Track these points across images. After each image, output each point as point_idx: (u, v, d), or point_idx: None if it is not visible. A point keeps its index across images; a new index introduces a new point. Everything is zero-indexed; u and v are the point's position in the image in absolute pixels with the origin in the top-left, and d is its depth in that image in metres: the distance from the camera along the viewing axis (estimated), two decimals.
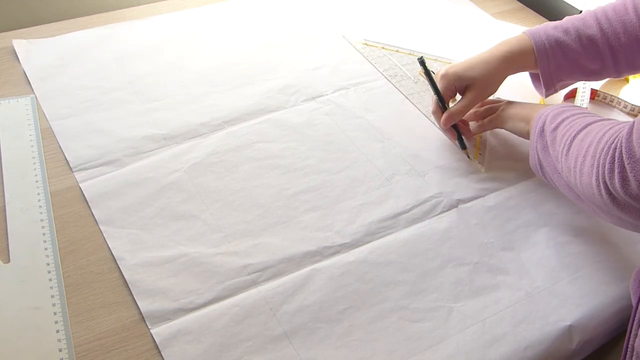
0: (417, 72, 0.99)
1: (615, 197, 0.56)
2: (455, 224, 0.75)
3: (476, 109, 0.86)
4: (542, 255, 0.72)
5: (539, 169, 0.72)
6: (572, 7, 1.13)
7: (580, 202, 0.66)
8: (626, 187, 0.53)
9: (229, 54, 0.99)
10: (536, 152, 0.72)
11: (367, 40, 1.05)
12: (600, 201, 0.58)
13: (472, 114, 0.86)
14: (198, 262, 0.68)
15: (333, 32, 1.06)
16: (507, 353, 0.63)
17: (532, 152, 0.73)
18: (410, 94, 0.94)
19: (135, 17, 1.06)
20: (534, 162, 0.73)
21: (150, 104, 0.88)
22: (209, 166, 0.79)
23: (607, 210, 0.59)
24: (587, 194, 0.60)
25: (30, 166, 0.78)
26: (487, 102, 0.87)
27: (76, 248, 0.69)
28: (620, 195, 0.54)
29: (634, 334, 0.62)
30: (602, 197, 0.57)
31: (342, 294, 0.67)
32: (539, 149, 0.71)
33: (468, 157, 0.84)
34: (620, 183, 0.54)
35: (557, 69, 0.81)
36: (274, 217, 0.74)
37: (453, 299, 0.67)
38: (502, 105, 0.83)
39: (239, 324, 0.63)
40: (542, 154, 0.70)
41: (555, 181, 0.69)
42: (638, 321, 0.62)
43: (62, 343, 0.60)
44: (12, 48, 0.96)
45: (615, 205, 0.56)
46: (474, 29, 1.11)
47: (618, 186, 0.54)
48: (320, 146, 0.84)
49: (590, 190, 0.59)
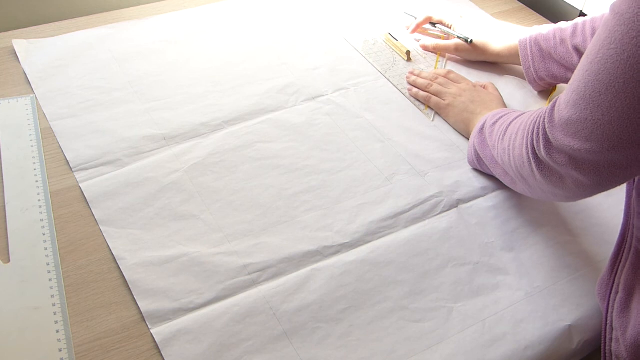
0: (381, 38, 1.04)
1: (541, 162, 0.61)
2: (455, 224, 0.75)
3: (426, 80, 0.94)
4: (542, 255, 0.73)
5: (475, 161, 0.80)
6: (572, 7, 1.13)
7: (514, 184, 0.72)
8: (548, 150, 0.59)
9: (229, 54, 0.99)
10: (473, 147, 0.80)
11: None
12: (529, 171, 0.64)
13: (425, 82, 0.94)
14: (198, 262, 0.68)
15: (333, 32, 1.06)
16: (507, 353, 0.63)
17: (470, 147, 0.81)
18: (368, 54, 0.96)
19: (135, 17, 1.06)
20: (470, 156, 0.81)
21: (150, 104, 0.88)
22: (209, 166, 0.79)
23: (534, 182, 0.65)
24: (519, 167, 0.66)
25: (30, 166, 0.78)
26: (442, 74, 0.95)
27: (76, 248, 0.69)
28: (545, 159, 0.60)
29: (609, 338, 0.63)
30: (530, 166, 0.63)
31: (342, 294, 0.67)
32: (477, 144, 0.78)
33: None
34: (544, 145, 0.59)
35: (534, 62, 0.91)
36: (274, 217, 0.74)
37: (453, 299, 0.67)
38: (450, 97, 0.90)
39: (239, 324, 0.63)
40: (480, 148, 0.77)
41: (493, 170, 0.76)
42: (610, 326, 0.63)
43: (62, 343, 0.60)
44: (12, 48, 0.96)
45: (540, 171, 0.62)
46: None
47: (542, 150, 0.60)
48: (320, 146, 0.84)
49: (521, 161, 0.65)
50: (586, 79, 0.53)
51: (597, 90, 0.52)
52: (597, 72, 0.51)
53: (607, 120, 0.52)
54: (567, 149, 0.56)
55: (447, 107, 0.89)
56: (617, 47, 0.49)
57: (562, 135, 0.56)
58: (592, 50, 0.52)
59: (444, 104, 0.90)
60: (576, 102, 0.54)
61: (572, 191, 0.61)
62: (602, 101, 0.51)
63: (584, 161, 0.56)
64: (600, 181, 0.57)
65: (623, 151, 0.52)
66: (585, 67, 0.53)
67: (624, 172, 0.55)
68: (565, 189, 0.61)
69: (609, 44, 0.50)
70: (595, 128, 0.53)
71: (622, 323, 0.61)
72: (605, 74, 0.50)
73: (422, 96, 0.93)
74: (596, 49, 0.52)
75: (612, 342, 0.63)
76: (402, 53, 1.02)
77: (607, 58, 0.50)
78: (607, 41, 0.50)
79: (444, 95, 0.90)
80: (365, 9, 1.13)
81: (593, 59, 0.52)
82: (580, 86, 0.54)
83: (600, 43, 0.51)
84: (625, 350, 0.60)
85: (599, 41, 0.52)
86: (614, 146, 0.52)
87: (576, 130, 0.55)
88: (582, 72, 0.54)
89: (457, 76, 0.94)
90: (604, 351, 0.64)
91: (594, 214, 0.78)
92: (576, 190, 0.60)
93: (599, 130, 0.53)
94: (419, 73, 0.96)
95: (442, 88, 0.91)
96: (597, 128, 0.53)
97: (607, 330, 0.63)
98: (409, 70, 0.98)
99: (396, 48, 1.04)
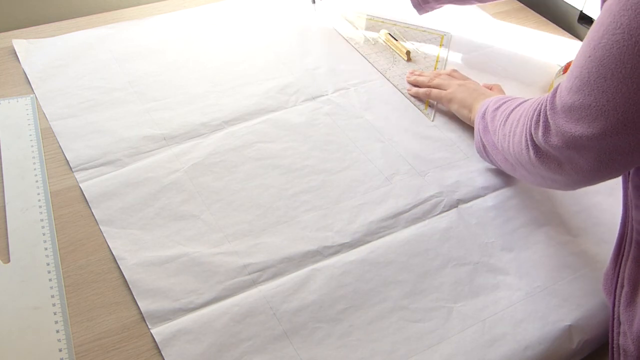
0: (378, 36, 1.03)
1: (538, 148, 0.62)
2: (455, 224, 0.75)
3: (438, 73, 0.94)
4: (542, 255, 0.72)
5: (482, 150, 0.78)
6: (572, 7, 1.13)
7: (513, 170, 0.72)
8: (547, 136, 0.59)
9: (229, 54, 0.99)
10: (478, 134, 0.78)
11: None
12: (527, 158, 0.64)
13: (426, 79, 0.93)
14: (198, 262, 0.68)
15: (333, 31, 1.06)
16: (507, 353, 0.63)
17: (476, 135, 0.79)
18: (368, 54, 0.96)
19: (135, 17, 1.06)
20: (478, 144, 0.79)
21: (150, 104, 0.88)
22: (209, 166, 0.79)
23: (533, 168, 0.65)
24: (517, 154, 0.66)
25: (30, 166, 0.78)
26: (445, 72, 0.94)
27: (76, 248, 0.69)
28: (542, 145, 0.60)
29: (617, 332, 0.63)
30: (528, 152, 0.63)
31: (342, 294, 0.67)
32: (480, 130, 0.77)
33: None
34: (543, 132, 0.60)
35: None
36: (274, 217, 0.74)
37: (453, 299, 0.67)
38: (454, 86, 0.88)
39: (239, 324, 0.63)
40: (483, 134, 0.76)
41: (494, 157, 0.75)
42: (618, 320, 0.63)
43: (62, 343, 0.60)
44: (12, 48, 0.96)
45: (538, 157, 0.62)
46: (474, 29, 1.11)
47: (540, 136, 0.60)
48: (320, 146, 0.84)
49: (520, 148, 0.65)
50: (589, 64, 0.52)
51: (602, 75, 0.51)
52: (602, 58, 0.51)
53: (612, 106, 0.51)
54: (568, 135, 0.56)
55: (449, 94, 0.88)
56: (624, 32, 0.48)
57: (564, 121, 0.56)
58: (595, 35, 0.52)
59: (446, 93, 0.88)
60: (579, 88, 0.54)
61: (572, 177, 0.61)
62: (608, 87, 0.51)
63: (585, 147, 0.56)
64: (599, 167, 0.57)
65: (627, 136, 0.52)
66: (587, 53, 0.53)
67: (624, 158, 0.55)
68: (564, 174, 0.61)
69: (613, 29, 0.49)
70: (599, 114, 0.52)
71: (628, 316, 0.61)
72: (611, 59, 0.50)
73: (423, 92, 0.92)
74: (599, 35, 0.51)
75: (619, 336, 0.62)
76: (402, 53, 1.02)
77: (612, 43, 0.50)
78: (611, 26, 0.50)
79: (447, 87, 0.89)
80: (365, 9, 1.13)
81: (596, 45, 0.51)
82: (583, 72, 0.53)
83: (603, 28, 0.51)
84: (632, 344, 0.60)
85: (601, 26, 0.51)
86: (617, 131, 0.52)
87: (579, 116, 0.54)
88: (584, 57, 0.53)
89: (461, 75, 0.93)
90: (612, 345, 0.64)
91: (593, 214, 0.78)
92: (575, 176, 0.60)
93: (603, 116, 0.52)
94: (420, 73, 0.96)
95: (444, 82, 0.90)
96: (601, 114, 0.52)
97: (615, 324, 0.63)
98: (409, 70, 0.98)
99: (396, 48, 1.04)
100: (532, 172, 0.66)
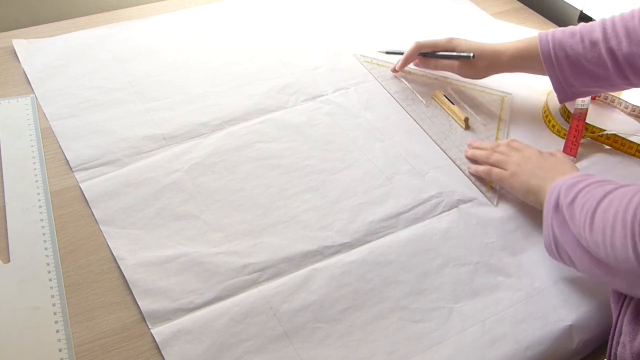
0: (430, 96, 0.94)
1: None
2: (455, 224, 0.75)
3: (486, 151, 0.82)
4: (542, 255, 0.72)
5: (554, 248, 0.67)
6: (572, 7, 1.13)
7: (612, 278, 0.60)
8: None
9: (229, 54, 0.99)
10: (551, 229, 0.66)
11: (374, 59, 1.01)
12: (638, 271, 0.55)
13: (485, 153, 0.82)
14: (198, 261, 0.68)
15: (333, 31, 1.06)
16: (507, 353, 0.63)
17: (547, 229, 0.67)
18: (421, 119, 0.89)
19: (135, 17, 1.06)
20: (548, 241, 0.67)
21: (150, 104, 0.88)
22: (209, 166, 0.79)
23: None
24: (624, 267, 0.56)
25: (30, 166, 0.78)
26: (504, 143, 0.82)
27: (76, 248, 0.69)
28: None
29: (616, 342, 0.63)
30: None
31: (343, 294, 0.67)
32: (554, 226, 0.66)
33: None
34: None
35: (561, 70, 0.83)
36: (274, 217, 0.74)
37: (453, 299, 0.67)
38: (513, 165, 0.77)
39: (239, 324, 0.63)
40: (560, 231, 0.65)
41: (574, 257, 0.64)
42: (620, 329, 0.63)
43: (62, 343, 0.60)
44: (12, 48, 0.96)
45: None
46: (474, 29, 1.11)
47: None
48: (320, 146, 0.84)
49: (628, 263, 0.55)
50: None
51: None
52: None
53: None
54: None
55: (511, 176, 0.76)
56: None
57: None
58: None
59: (507, 174, 0.77)
60: None
61: None
62: None
63: None
64: None
65: None
66: None
67: None
68: None
69: None
70: None
71: (631, 330, 0.61)
72: None
73: (482, 170, 0.80)
74: None
75: (618, 346, 0.62)
76: (459, 120, 0.89)
77: None
78: None
79: (506, 165, 0.78)
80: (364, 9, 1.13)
81: None
82: None
83: None
84: (631, 357, 0.60)
85: None
86: None
87: None
88: None
89: (521, 144, 0.80)
90: (609, 352, 0.64)
91: None
92: None
93: None
94: (479, 145, 0.84)
95: (504, 157, 0.79)
96: None
97: (616, 333, 0.63)
98: (467, 141, 0.87)
99: (452, 113, 0.91)
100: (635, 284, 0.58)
